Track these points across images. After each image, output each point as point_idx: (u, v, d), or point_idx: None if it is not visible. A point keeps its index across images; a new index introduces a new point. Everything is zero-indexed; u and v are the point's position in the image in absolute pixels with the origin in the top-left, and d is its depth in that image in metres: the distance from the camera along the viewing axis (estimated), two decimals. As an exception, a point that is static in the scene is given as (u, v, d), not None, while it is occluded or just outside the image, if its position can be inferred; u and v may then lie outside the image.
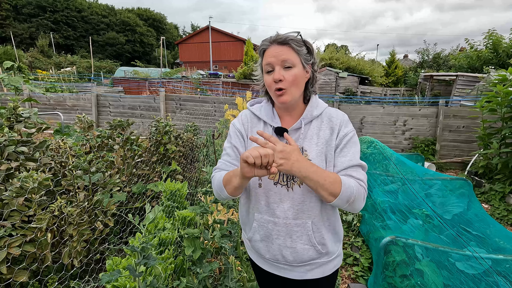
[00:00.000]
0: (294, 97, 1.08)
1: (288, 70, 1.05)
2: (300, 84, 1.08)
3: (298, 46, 1.05)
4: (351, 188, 0.99)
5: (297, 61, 1.05)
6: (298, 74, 1.06)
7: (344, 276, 2.64)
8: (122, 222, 2.63)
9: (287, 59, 1.04)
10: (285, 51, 1.04)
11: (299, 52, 1.05)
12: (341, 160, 1.07)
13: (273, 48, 1.05)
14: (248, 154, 0.89)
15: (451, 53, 18.93)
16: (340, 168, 1.06)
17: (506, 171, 4.37)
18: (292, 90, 1.06)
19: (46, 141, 2.45)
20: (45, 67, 23.60)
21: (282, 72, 1.04)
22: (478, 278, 1.85)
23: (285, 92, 1.06)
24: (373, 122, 6.73)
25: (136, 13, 54.97)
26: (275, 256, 1.16)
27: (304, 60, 1.07)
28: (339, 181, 0.99)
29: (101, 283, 1.35)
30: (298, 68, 1.05)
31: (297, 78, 1.06)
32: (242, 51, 24.80)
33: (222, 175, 1.12)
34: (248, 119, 1.20)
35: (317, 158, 1.07)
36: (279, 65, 1.05)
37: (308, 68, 1.10)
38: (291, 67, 1.05)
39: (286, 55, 1.04)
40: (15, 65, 4.73)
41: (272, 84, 1.06)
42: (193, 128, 5.07)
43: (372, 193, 3.36)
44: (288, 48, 1.04)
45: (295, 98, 1.09)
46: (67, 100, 8.55)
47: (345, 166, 1.06)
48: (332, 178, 0.98)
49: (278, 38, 1.05)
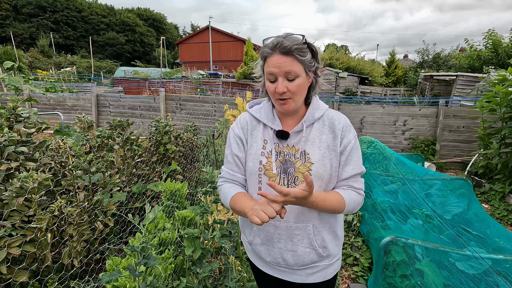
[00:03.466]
0: (297, 105, 1.07)
1: (291, 81, 1.01)
2: (303, 92, 1.06)
3: (302, 55, 0.99)
4: (352, 204, 1.08)
5: (300, 71, 1.00)
6: (302, 84, 1.02)
7: (344, 276, 2.64)
8: (122, 222, 2.63)
9: (290, 71, 0.99)
10: (289, 62, 0.98)
11: (303, 61, 1.00)
12: (346, 169, 1.10)
13: (276, 58, 0.99)
14: (259, 221, 0.89)
15: (451, 53, 18.93)
16: (343, 178, 1.11)
17: (506, 171, 4.37)
18: (295, 99, 1.05)
19: (46, 141, 2.45)
20: (45, 67, 23.59)
21: (285, 83, 1.00)
22: (478, 278, 1.85)
23: (288, 101, 1.04)
24: (373, 122, 6.73)
25: (136, 13, 54.92)
26: (276, 259, 1.15)
27: (307, 67, 1.02)
28: (342, 203, 1.06)
29: (101, 283, 1.35)
30: (301, 77, 1.02)
31: (301, 88, 1.03)
32: (242, 51, 24.77)
33: (230, 193, 1.13)
34: (247, 122, 1.18)
35: (319, 162, 1.07)
36: (282, 76, 1.00)
37: (311, 74, 1.06)
38: (294, 78, 1.01)
39: (289, 67, 0.98)
40: (15, 65, 4.73)
41: (275, 94, 1.03)
42: (193, 128, 5.07)
43: (372, 193, 3.36)
44: (292, 59, 0.98)
45: (298, 105, 1.08)
46: (67, 100, 8.55)
47: (348, 176, 1.10)
48: (336, 203, 1.05)
49: (282, 47, 0.97)
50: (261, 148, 1.12)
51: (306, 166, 1.07)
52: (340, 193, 1.08)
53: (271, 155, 1.10)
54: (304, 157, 1.07)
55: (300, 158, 1.08)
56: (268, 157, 1.10)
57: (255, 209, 0.93)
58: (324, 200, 1.01)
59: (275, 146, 1.11)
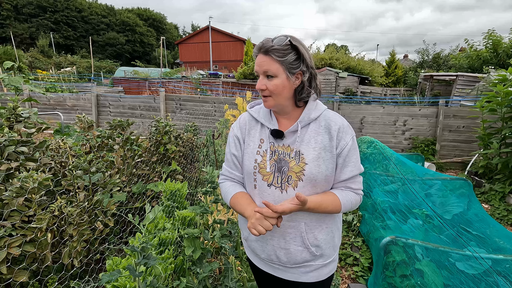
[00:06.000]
0: (277, 104, 1.10)
1: (270, 80, 1.06)
2: (282, 93, 1.07)
3: (281, 56, 1.02)
4: (349, 204, 1.12)
5: (279, 72, 1.04)
6: (279, 84, 1.05)
7: (344, 276, 2.64)
8: (122, 222, 2.63)
9: (268, 70, 1.05)
10: (267, 61, 1.04)
11: (282, 62, 1.03)
12: (344, 171, 1.12)
13: (259, 57, 1.06)
14: (257, 234, 0.99)
15: (451, 53, 18.93)
16: (341, 179, 1.13)
17: (506, 171, 4.37)
18: (274, 98, 1.09)
19: (46, 141, 2.45)
20: (45, 67, 23.60)
21: (264, 81, 1.07)
22: (478, 278, 1.85)
23: (267, 99, 1.10)
24: (373, 122, 6.73)
25: (136, 13, 54.91)
26: (269, 256, 1.17)
27: (288, 69, 1.04)
28: (338, 204, 1.09)
29: (101, 283, 1.35)
30: (280, 78, 1.05)
31: (278, 88, 1.06)
32: (242, 51, 24.79)
33: (230, 193, 1.19)
34: (246, 121, 1.22)
35: (313, 162, 1.07)
36: (262, 75, 1.07)
37: (298, 75, 1.07)
38: (272, 77, 1.05)
39: (267, 66, 1.04)
40: (15, 65, 4.73)
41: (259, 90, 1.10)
42: (193, 128, 5.07)
43: (372, 193, 3.36)
44: (270, 58, 1.03)
45: (280, 104, 1.11)
46: (67, 100, 8.55)
47: (346, 178, 1.12)
48: (331, 206, 1.08)
49: (262, 47, 1.04)
50: (257, 147, 1.15)
51: (300, 166, 1.07)
52: (337, 194, 1.10)
53: (266, 153, 1.12)
54: (298, 157, 1.08)
55: (294, 158, 1.09)
56: (263, 155, 1.12)
57: (253, 223, 1.01)
58: (319, 205, 1.05)
59: (270, 145, 1.13)
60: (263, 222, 0.99)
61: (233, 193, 1.17)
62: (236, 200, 1.15)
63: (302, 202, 0.96)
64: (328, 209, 1.07)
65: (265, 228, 0.98)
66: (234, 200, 1.15)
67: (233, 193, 1.17)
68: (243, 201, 1.13)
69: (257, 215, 1.02)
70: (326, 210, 1.07)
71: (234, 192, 1.17)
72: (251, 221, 1.02)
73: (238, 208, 1.13)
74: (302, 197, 0.95)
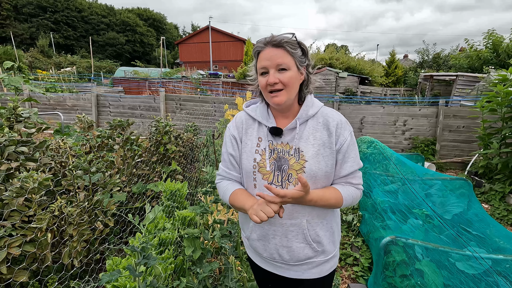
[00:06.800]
0: (288, 99, 1.08)
1: (282, 73, 1.04)
2: (294, 86, 1.07)
3: (293, 48, 1.04)
4: (350, 199, 1.12)
5: (291, 64, 1.04)
6: (293, 76, 1.05)
7: (344, 276, 2.64)
8: (122, 222, 2.63)
9: (282, 63, 1.03)
10: (280, 54, 1.02)
11: (294, 54, 1.04)
12: (344, 167, 1.11)
13: (268, 51, 1.04)
14: (258, 220, 0.95)
15: (451, 53, 18.93)
16: (341, 175, 1.12)
17: (506, 171, 4.37)
18: (287, 92, 1.06)
19: (46, 141, 2.45)
20: (45, 67, 23.60)
21: (277, 75, 1.04)
22: (478, 278, 1.85)
23: (280, 93, 1.05)
24: (373, 122, 6.74)
25: (136, 13, 54.90)
26: (272, 255, 1.17)
27: (298, 62, 1.06)
28: (340, 198, 1.08)
29: (101, 283, 1.35)
30: (292, 70, 1.05)
31: (292, 80, 1.05)
32: (242, 51, 24.81)
33: (229, 190, 1.17)
34: (243, 120, 1.20)
35: (313, 159, 1.07)
36: (274, 68, 1.04)
37: (303, 70, 1.09)
38: (285, 70, 1.04)
39: (281, 59, 1.02)
40: (15, 65, 4.73)
41: (267, 86, 1.06)
42: (193, 128, 5.07)
43: (372, 193, 3.36)
44: (283, 51, 1.03)
45: (290, 99, 1.09)
46: (67, 100, 8.55)
47: (346, 173, 1.12)
48: (334, 199, 1.07)
49: (272, 40, 1.03)
50: (255, 145, 1.13)
51: (300, 164, 1.07)
52: (338, 189, 1.10)
53: (265, 152, 1.11)
54: (298, 154, 1.08)
55: (294, 155, 1.08)
56: (262, 154, 1.11)
57: (255, 209, 0.98)
58: (321, 198, 1.04)
59: (269, 144, 1.12)
60: (265, 208, 0.96)
61: (232, 190, 1.16)
62: (235, 196, 1.13)
63: (304, 185, 0.93)
64: (330, 202, 1.06)
65: (267, 214, 0.94)
66: (233, 197, 1.14)
67: (232, 190, 1.16)
68: (243, 196, 1.11)
69: (260, 200, 1.00)
70: (328, 203, 1.06)
71: (233, 189, 1.16)
72: (253, 207, 1.00)
73: (238, 203, 1.11)
74: (303, 179, 0.92)
